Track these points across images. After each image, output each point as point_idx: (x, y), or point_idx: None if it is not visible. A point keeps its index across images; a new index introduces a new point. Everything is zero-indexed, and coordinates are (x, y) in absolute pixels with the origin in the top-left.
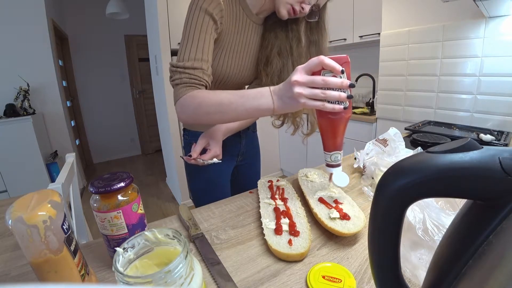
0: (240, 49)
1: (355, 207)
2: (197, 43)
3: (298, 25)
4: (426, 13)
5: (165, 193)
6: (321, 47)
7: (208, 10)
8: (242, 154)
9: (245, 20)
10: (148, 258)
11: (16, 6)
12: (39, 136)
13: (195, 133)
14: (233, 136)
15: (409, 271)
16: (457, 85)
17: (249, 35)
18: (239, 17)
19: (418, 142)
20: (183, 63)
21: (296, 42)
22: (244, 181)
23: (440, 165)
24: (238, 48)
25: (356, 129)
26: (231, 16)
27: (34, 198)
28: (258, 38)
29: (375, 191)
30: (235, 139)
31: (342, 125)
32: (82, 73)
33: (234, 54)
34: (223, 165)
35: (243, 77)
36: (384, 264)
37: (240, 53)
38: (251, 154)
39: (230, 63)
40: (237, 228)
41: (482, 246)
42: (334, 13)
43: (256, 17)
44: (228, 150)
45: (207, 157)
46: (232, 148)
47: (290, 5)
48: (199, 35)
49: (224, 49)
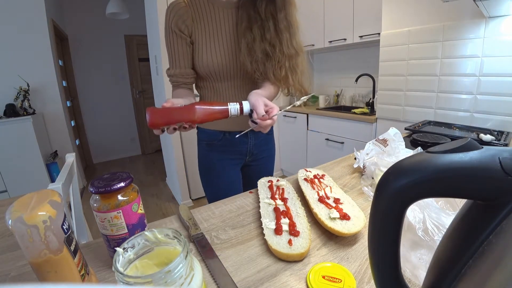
0: (217, 36)
1: (355, 207)
2: (175, 56)
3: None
4: (426, 13)
5: (165, 193)
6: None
7: (174, 29)
8: (251, 154)
9: (215, 9)
10: (148, 258)
11: (16, 6)
12: (39, 136)
13: (203, 131)
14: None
15: (409, 271)
16: (457, 85)
17: (223, 21)
18: (208, 10)
19: (418, 142)
20: (171, 71)
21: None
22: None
23: (440, 165)
24: (215, 37)
25: (356, 129)
26: (199, 13)
27: (34, 198)
28: (233, 20)
29: (375, 191)
30: (242, 139)
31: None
32: (82, 73)
33: (213, 43)
34: (230, 162)
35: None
36: (384, 264)
37: (218, 40)
38: (264, 156)
39: (213, 52)
40: (237, 228)
41: (482, 246)
42: (334, 13)
43: (224, 3)
44: (236, 149)
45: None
46: (240, 146)
47: None
48: (174, 50)
49: (202, 43)
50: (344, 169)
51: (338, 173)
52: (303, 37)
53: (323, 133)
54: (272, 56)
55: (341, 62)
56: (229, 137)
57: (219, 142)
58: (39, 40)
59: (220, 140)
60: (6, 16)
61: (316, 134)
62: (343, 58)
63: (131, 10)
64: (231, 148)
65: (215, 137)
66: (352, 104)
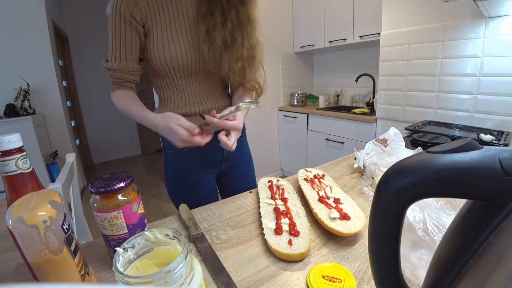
0: (178, 24)
1: (355, 207)
2: (119, 46)
3: None
4: (426, 13)
5: (165, 193)
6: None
7: (124, 13)
8: (227, 160)
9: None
10: (148, 258)
11: (16, 6)
12: (39, 136)
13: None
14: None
15: (409, 271)
16: (457, 85)
17: (184, 7)
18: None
19: (418, 142)
20: (110, 64)
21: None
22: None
23: (440, 165)
24: (176, 25)
25: (356, 129)
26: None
27: (34, 198)
28: (193, 6)
29: (375, 191)
30: (214, 144)
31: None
32: (82, 73)
33: (174, 33)
34: (204, 172)
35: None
36: (384, 264)
37: (179, 29)
38: (241, 161)
39: (175, 43)
40: (237, 228)
41: (482, 246)
42: (334, 13)
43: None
44: (209, 157)
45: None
46: (212, 154)
47: None
48: (120, 38)
49: (161, 32)
50: (344, 169)
51: (338, 173)
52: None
53: (323, 133)
54: (231, 46)
55: (341, 62)
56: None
57: (190, 150)
58: (39, 40)
59: (191, 148)
60: (6, 16)
61: (316, 134)
62: (343, 58)
63: None
64: (204, 156)
65: None
66: (352, 104)
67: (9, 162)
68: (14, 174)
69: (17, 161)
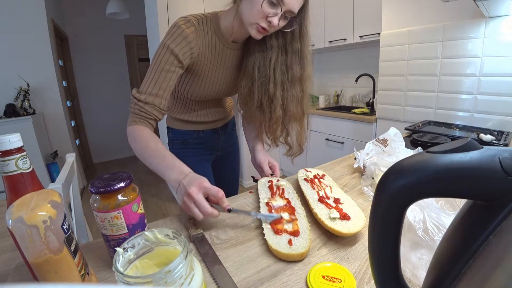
0: (216, 74)
1: (355, 207)
2: (157, 80)
3: (278, 39)
4: (426, 13)
5: (165, 193)
6: (303, 54)
7: (174, 50)
8: (221, 148)
9: (221, 48)
10: (148, 258)
11: (16, 6)
12: (39, 136)
13: (176, 131)
14: (212, 132)
15: (409, 271)
16: (457, 85)
17: (226, 60)
18: (215, 47)
19: (418, 142)
20: (139, 95)
21: (274, 56)
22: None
23: (440, 165)
24: (214, 74)
25: (356, 129)
26: (207, 47)
27: (34, 198)
28: (235, 61)
29: (375, 191)
30: (213, 135)
31: None
32: (82, 73)
33: (210, 79)
34: (203, 160)
35: (220, 94)
36: (384, 264)
37: (216, 78)
38: (231, 149)
39: (207, 87)
40: (237, 228)
41: (482, 246)
42: (334, 13)
43: (232, 44)
44: (209, 144)
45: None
46: (212, 143)
47: (256, 24)
48: (160, 73)
49: (201, 77)
50: (344, 169)
51: (338, 173)
52: None
53: (323, 133)
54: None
55: (341, 62)
56: (202, 135)
57: (193, 140)
58: (39, 40)
59: (194, 138)
60: (6, 16)
61: (316, 134)
62: (343, 58)
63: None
64: (205, 144)
65: (190, 136)
66: (352, 104)
67: (9, 162)
68: (14, 174)
69: (17, 161)
